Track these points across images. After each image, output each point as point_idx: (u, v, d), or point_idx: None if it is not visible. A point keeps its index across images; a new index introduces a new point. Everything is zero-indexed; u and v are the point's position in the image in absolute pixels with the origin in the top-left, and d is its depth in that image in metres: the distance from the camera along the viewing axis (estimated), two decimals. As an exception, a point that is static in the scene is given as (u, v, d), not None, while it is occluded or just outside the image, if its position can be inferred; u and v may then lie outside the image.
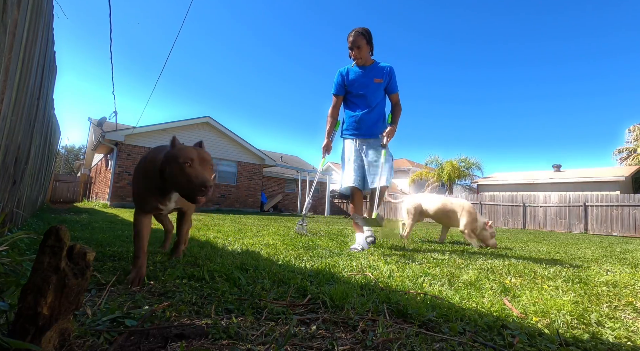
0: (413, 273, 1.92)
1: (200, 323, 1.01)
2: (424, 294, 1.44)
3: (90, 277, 0.80)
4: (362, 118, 3.25)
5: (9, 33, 1.20)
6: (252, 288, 1.41)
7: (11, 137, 1.69)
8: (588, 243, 5.75)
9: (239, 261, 1.93)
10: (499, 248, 3.88)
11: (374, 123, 3.28)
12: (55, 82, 3.77)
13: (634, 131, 24.80)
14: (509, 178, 19.81)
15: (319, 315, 1.13)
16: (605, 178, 16.65)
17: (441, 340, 0.97)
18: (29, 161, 2.85)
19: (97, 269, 1.59)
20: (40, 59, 2.21)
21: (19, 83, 1.60)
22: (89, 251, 0.75)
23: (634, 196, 11.32)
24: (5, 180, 1.80)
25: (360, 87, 3.24)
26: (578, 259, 3.16)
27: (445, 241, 4.37)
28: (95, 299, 1.19)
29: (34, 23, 1.72)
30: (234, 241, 3.15)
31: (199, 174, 1.36)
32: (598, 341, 1.02)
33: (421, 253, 2.88)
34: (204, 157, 1.45)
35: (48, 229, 0.72)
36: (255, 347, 0.87)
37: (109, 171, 13.16)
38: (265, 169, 17.31)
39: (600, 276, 2.17)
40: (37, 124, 2.86)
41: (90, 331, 0.89)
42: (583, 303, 1.47)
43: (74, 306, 0.73)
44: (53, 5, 2.50)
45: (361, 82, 3.24)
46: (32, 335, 0.66)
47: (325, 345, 0.90)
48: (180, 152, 1.40)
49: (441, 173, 20.92)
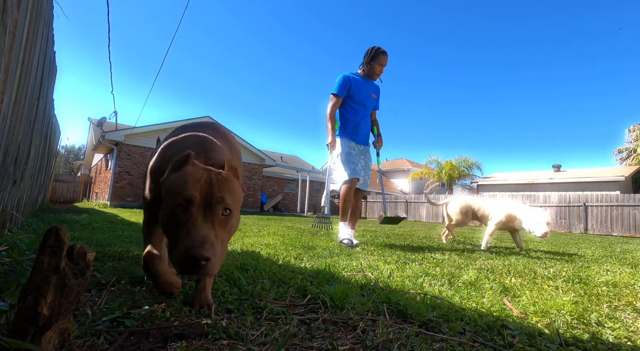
0: (413, 273, 1.92)
1: (200, 323, 1.01)
2: (424, 294, 1.44)
3: (90, 277, 0.80)
4: (362, 125, 3.53)
5: (9, 33, 1.20)
6: (252, 288, 1.41)
7: (11, 137, 1.69)
8: (588, 243, 5.75)
9: (239, 261, 1.93)
10: (499, 247, 3.88)
11: (368, 132, 3.65)
12: (55, 82, 3.77)
13: (634, 131, 24.81)
14: (509, 178, 19.81)
15: (319, 315, 1.13)
16: (605, 177, 16.65)
17: (441, 340, 0.97)
18: (29, 161, 2.85)
19: (97, 269, 1.59)
20: (40, 59, 2.21)
21: (19, 83, 1.60)
22: (89, 251, 0.75)
23: (634, 196, 11.32)
24: (5, 180, 1.80)
25: (363, 97, 3.50)
26: (578, 259, 3.16)
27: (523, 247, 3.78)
28: (95, 299, 1.19)
29: (34, 23, 1.72)
30: (234, 241, 3.15)
31: (193, 233, 0.82)
32: (598, 341, 1.02)
33: (421, 253, 2.88)
34: (216, 193, 0.90)
35: (48, 229, 0.72)
36: (255, 347, 0.87)
37: (109, 171, 13.17)
38: (265, 169, 17.31)
39: (600, 276, 2.17)
40: (37, 124, 2.86)
41: (90, 331, 0.89)
42: (583, 303, 1.47)
43: (74, 306, 0.73)
44: (53, 5, 2.50)
45: (365, 92, 3.51)
46: (32, 335, 0.66)
47: (325, 345, 0.90)
48: (175, 181, 0.90)
49: (441, 173, 20.93)
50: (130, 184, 12.15)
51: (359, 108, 3.48)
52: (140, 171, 12.12)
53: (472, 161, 20.92)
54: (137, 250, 2.22)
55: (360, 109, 3.49)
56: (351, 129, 3.46)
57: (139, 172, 12.19)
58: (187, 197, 0.86)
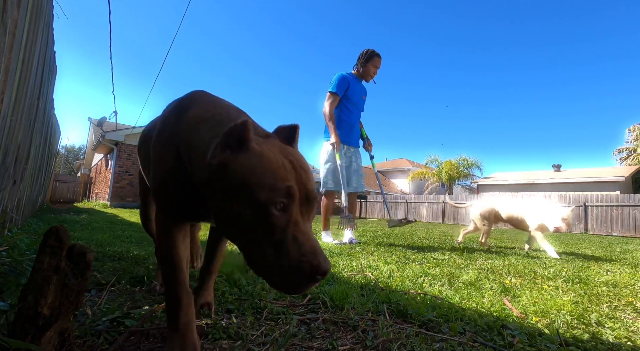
0: (413, 273, 1.92)
1: (200, 323, 1.01)
2: (424, 294, 1.44)
3: (90, 277, 0.80)
4: (355, 127, 3.54)
5: (9, 33, 1.20)
6: (252, 288, 1.41)
7: (11, 137, 1.69)
8: (588, 243, 5.75)
9: (239, 261, 1.93)
10: (499, 247, 3.88)
11: (358, 133, 3.65)
12: (55, 82, 3.77)
13: (634, 131, 24.79)
14: (509, 178, 19.81)
15: (319, 315, 1.13)
16: (605, 178, 16.65)
17: (441, 340, 0.97)
18: (29, 161, 2.85)
19: (97, 270, 1.59)
20: (40, 59, 2.21)
21: (19, 83, 1.60)
22: (89, 251, 0.75)
23: (634, 196, 11.31)
24: (5, 180, 1.80)
25: (357, 97, 3.52)
26: (578, 259, 3.16)
27: None
28: (95, 299, 1.19)
29: (34, 23, 1.72)
30: (234, 241, 3.15)
31: (302, 240, 0.63)
32: (598, 341, 1.02)
33: (421, 253, 2.88)
34: (306, 182, 0.69)
35: (48, 229, 0.72)
36: (255, 347, 0.87)
37: (109, 171, 13.16)
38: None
39: (600, 276, 2.17)
40: (37, 124, 2.86)
41: (90, 331, 0.89)
42: (583, 303, 1.47)
43: (74, 306, 0.73)
44: (53, 5, 2.50)
45: (359, 93, 3.53)
46: (32, 335, 0.66)
47: (325, 345, 0.90)
48: (254, 166, 0.65)
49: (441, 173, 20.93)
50: (130, 184, 12.15)
51: (353, 109, 3.49)
52: (140, 171, 12.11)
53: (472, 161, 20.92)
54: (137, 250, 2.22)
55: (354, 111, 3.50)
56: (346, 131, 3.43)
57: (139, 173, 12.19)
58: (287, 191, 0.64)
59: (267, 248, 0.63)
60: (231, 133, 0.66)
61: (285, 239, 0.62)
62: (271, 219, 0.62)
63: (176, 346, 0.77)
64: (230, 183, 0.65)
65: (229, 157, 0.66)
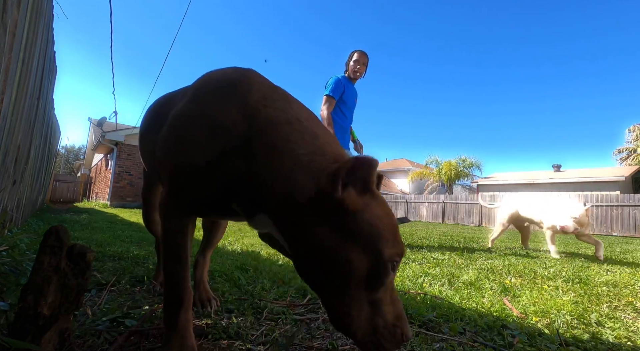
0: (413, 273, 1.92)
1: (200, 323, 1.01)
2: (424, 294, 1.44)
3: (90, 277, 0.80)
4: (347, 131, 3.52)
5: (9, 33, 1.20)
6: (252, 288, 1.41)
7: (11, 137, 1.69)
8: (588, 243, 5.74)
9: (239, 261, 1.93)
10: (499, 247, 3.88)
11: (349, 137, 3.61)
12: (55, 82, 3.77)
13: (634, 131, 24.78)
14: (509, 178, 19.81)
15: (319, 315, 1.13)
16: (605, 178, 16.65)
17: (441, 340, 0.97)
18: (29, 161, 2.85)
19: (97, 270, 1.59)
20: (40, 59, 2.22)
21: (19, 83, 1.60)
22: (89, 251, 0.75)
23: (634, 196, 11.31)
24: (5, 180, 1.80)
25: (351, 100, 3.51)
26: (578, 259, 3.16)
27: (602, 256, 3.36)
28: (95, 299, 1.19)
29: (34, 23, 1.72)
30: (234, 241, 3.15)
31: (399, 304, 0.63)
32: (598, 341, 1.02)
33: (421, 253, 2.88)
34: None
35: (48, 229, 0.72)
36: (255, 347, 0.87)
37: (109, 171, 13.16)
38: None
39: (600, 276, 2.17)
40: (37, 124, 2.86)
41: (90, 331, 0.89)
42: (583, 303, 1.47)
43: (74, 306, 0.73)
44: (53, 5, 2.50)
45: (353, 95, 3.51)
46: (32, 335, 0.66)
47: (325, 345, 0.90)
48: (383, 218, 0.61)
49: (441, 173, 20.93)
50: (130, 184, 12.15)
51: (347, 113, 3.50)
52: (140, 171, 12.12)
53: (471, 161, 20.90)
54: (137, 250, 2.22)
55: (348, 114, 3.51)
56: (340, 135, 3.44)
57: (139, 173, 12.18)
58: (403, 251, 0.62)
59: (364, 304, 0.59)
60: (357, 171, 0.58)
61: (386, 300, 0.60)
62: (385, 277, 0.59)
63: (175, 347, 0.74)
64: (354, 227, 0.58)
65: (356, 199, 0.59)
